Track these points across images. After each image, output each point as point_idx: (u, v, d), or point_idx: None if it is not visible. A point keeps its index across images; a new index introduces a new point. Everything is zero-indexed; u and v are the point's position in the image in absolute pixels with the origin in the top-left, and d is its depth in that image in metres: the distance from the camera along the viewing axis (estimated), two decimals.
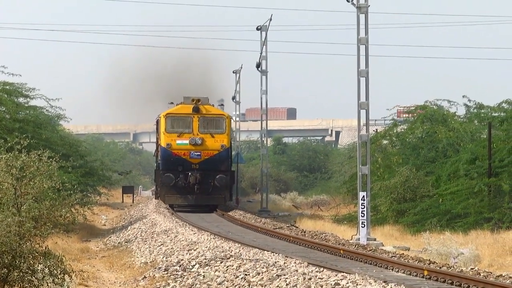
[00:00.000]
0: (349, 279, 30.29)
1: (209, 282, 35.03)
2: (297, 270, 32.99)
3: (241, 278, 34.10)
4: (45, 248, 26.50)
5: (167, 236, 52.65)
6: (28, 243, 24.94)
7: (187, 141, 51.87)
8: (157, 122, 60.26)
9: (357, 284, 29.22)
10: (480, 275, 37.01)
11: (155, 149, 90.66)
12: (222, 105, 66.01)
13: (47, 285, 25.49)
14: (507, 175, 63.80)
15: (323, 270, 32.64)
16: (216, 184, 51.90)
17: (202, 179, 51.87)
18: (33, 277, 24.64)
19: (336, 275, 31.40)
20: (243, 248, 40.12)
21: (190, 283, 36.15)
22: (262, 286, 32.17)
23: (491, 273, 39.02)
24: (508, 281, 35.50)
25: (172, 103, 59.95)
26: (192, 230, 51.95)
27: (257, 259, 36.71)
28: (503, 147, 65.97)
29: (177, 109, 56.09)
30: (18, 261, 24.25)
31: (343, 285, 29.30)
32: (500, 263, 46.15)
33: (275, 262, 35.32)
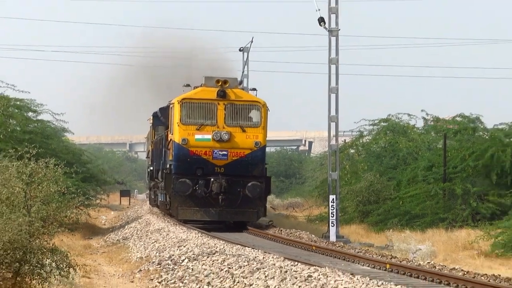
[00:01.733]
0: (320, 272, 30.34)
1: (197, 275, 35.06)
2: (274, 264, 32.98)
3: (225, 271, 34.15)
4: (52, 245, 26.62)
5: (160, 234, 52.41)
6: (37, 241, 25.02)
7: (209, 136, 40.23)
8: (168, 109, 48.44)
9: (327, 276, 29.25)
10: (435, 268, 37.33)
11: (149, 150, 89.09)
12: (255, 89, 51.55)
13: (54, 277, 25.54)
14: (459, 180, 64.65)
15: (297, 264, 32.67)
16: (248, 194, 40.82)
17: (229, 187, 40.74)
18: (42, 270, 24.68)
19: (309, 268, 31.46)
20: (226, 245, 40.11)
21: (180, 275, 36.20)
22: (244, 278, 32.22)
23: (445, 266, 39.07)
24: (460, 273, 35.66)
25: (188, 85, 47.66)
26: (181, 229, 51.31)
27: (239, 254, 36.75)
28: (456, 155, 66.81)
29: (197, 92, 43.99)
30: (29, 256, 24.27)
31: (315, 277, 29.34)
32: (453, 257, 46.29)
33: (255, 257, 35.29)
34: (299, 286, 28.62)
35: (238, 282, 31.80)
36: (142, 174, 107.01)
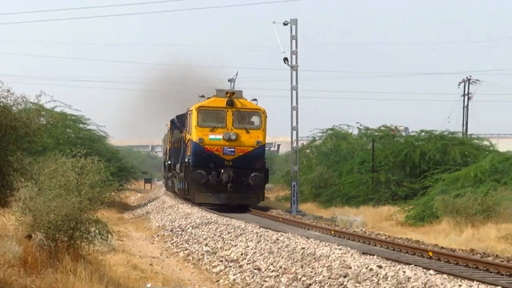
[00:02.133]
0: (285, 236, 30.77)
1: (198, 238, 35.40)
2: (253, 231, 33.26)
3: (218, 235, 34.40)
4: (96, 217, 26.73)
5: (172, 210, 52.79)
6: (85, 214, 25.07)
7: (220, 136, 40.57)
8: (188, 115, 47.89)
9: (290, 239, 29.66)
10: (366, 233, 37.97)
11: (166, 149, 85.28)
12: (256, 99, 51.80)
13: (97, 241, 25.65)
14: (383, 172, 66.20)
15: (268, 231, 32.90)
16: (250, 182, 41.16)
17: (236, 177, 41.04)
18: (88, 236, 24.76)
19: (277, 234, 31.81)
20: (219, 217, 40.29)
21: (186, 238, 36.56)
22: (231, 240, 32.46)
23: (373, 232, 39.51)
24: (383, 237, 36.55)
25: (203, 96, 48.09)
26: (187, 206, 51.58)
27: (228, 224, 36.99)
28: (381, 154, 68.16)
29: (210, 102, 44.29)
30: (79, 225, 24.34)
31: (281, 240, 29.70)
32: (378, 226, 46.91)
33: (239, 226, 35.51)
34: (270, 246, 28.75)
35: (227, 243, 32.00)
36: (160, 167, 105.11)
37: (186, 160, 44.78)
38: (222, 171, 39.55)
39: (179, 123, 60.14)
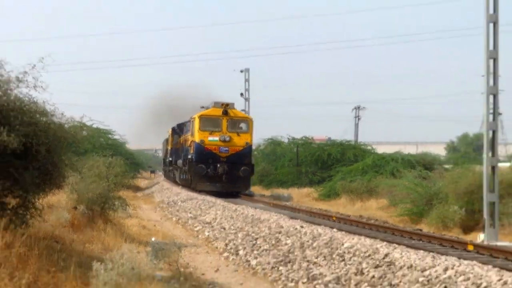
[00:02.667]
0: (241, 207, 30.59)
1: (184, 208, 35.38)
2: (220, 204, 33.12)
3: (198, 207, 34.37)
4: (118, 195, 26.80)
5: (168, 190, 52.69)
6: (111, 193, 25.03)
7: (217, 138, 39.53)
8: (191, 122, 45.28)
9: (244, 209, 29.57)
10: (293, 205, 38.19)
11: (166, 149, 77.67)
12: (244, 110, 52.44)
13: (119, 210, 25.68)
14: (304, 166, 66.32)
15: (230, 204, 32.82)
16: (240, 174, 40.31)
17: (229, 170, 40.01)
18: (113, 207, 24.75)
19: (236, 205, 31.69)
20: (199, 195, 40.12)
21: (177, 208, 36.56)
22: (205, 209, 32.51)
23: (297, 204, 39.93)
24: (304, 207, 37.05)
25: (203, 107, 46.04)
26: (178, 188, 51.48)
27: (204, 199, 36.92)
28: (302, 154, 68.45)
29: (209, 111, 42.63)
30: (108, 200, 24.31)
31: (238, 210, 29.60)
32: (301, 200, 46.89)
33: (211, 200, 35.49)
34: (231, 214, 28.82)
35: (203, 212, 32.01)
36: (160, 163, 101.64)
37: (189, 157, 42.89)
38: (219, 165, 38.59)
39: (178, 130, 58.10)
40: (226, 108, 40.04)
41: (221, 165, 38.84)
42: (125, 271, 10.97)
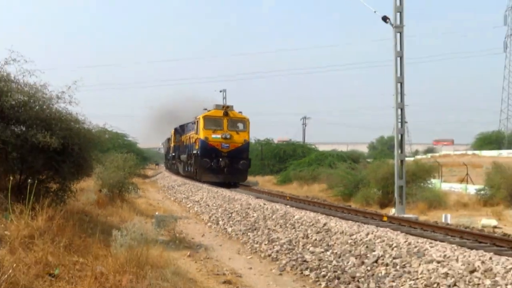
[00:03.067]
0: (221, 190, 30.35)
1: (180, 191, 35.07)
2: (207, 188, 32.79)
3: (189, 190, 34.02)
4: (132, 181, 26.51)
5: (168, 177, 52.03)
6: (126, 180, 24.80)
7: (219, 136, 35.78)
8: (196, 122, 40.72)
9: (223, 191, 29.31)
10: (260, 188, 36.77)
11: (168, 147, 71.12)
12: (241, 111, 43.98)
13: (132, 192, 25.46)
14: (266, 160, 65.44)
15: (213, 188, 32.48)
16: (239, 167, 36.48)
17: (230, 164, 36.15)
18: (128, 190, 24.53)
19: (217, 188, 31.37)
20: (190, 181, 39.68)
21: (174, 191, 36.19)
22: (195, 192, 32.23)
23: (261, 188, 39.15)
24: (266, 189, 35.99)
25: (205, 109, 40.97)
26: (175, 176, 50.97)
27: (194, 184, 36.55)
28: (265, 151, 67.29)
29: (212, 112, 38.59)
30: (124, 185, 24.11)
31: (219, 192, 29.36)
32: (265, 185, 46.07)
33: (199, 185, 35.09)
34: (213, 195, 28.59)
35: (193, 193, 31.75)
36: (162, 158, 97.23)
37: (195, 152, 38.96)
38: (221, 159, 35.21)
39: (180, 130, 52.74)
40: (226, 109, 37.47)
41: (223, 159, 35.68)
42: (136, 236, 10.97)
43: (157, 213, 20.42)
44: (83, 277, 8.21)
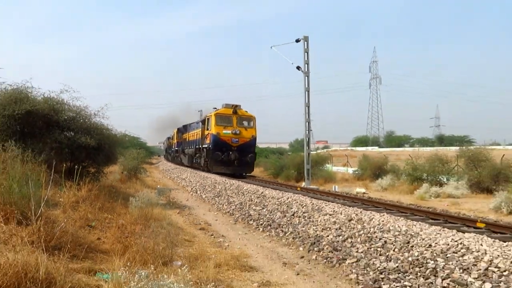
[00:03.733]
0: (199, 171, 29.80)
1: (173, 172, 34.34)
2: (189, 170, 32.21)
3: (179, 171, 33.29)
4: (142, 166, 25.94)
5: (166, 165, 50.73)
6: (139, 166, 24.29)
7: (230, 131, 28.25)
8: (207, 120, 31.16)
9: (200, 172, 28.84)
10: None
11: (169, 143, 59.37)
12: (247, 111, 32.71)
13: (143, 173, 24.91)
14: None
15: (194, 170, 31.88)
16: (248, 160, 28.28)
17: (239, 157, 28.30)
18: (140, 172, 23.97)
19: (196, 170, 30.79)
20: (179, 166, 38.90)
21: (170, 172, 35.30)
22: (183, 173, 31.60)
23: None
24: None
25: (215, 108, 32.65)
26: (172, 163, 49.94)
27: (182, 168, 35.83)
28: None
29: (222, 110, 29.76)
30: (138, 169, 23.66)
31: (198, 173, 28.82)
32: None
33: (185, 169, 34.46)
34: (194, 174, 28.16)
35: (181, 173, 31.15)
36: (162, 152, 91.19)
37: (206, 146, 30.71)
38: (231, 153, 27.65)
39: (183, 129, 42.54)
40: (235, 108, 29.58)
41: (233, 153, 28.10)
42: (144, 201, 10.84)
43: (158, 186, 20.18)
44: (110, 227, 8.14)
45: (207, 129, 28.78)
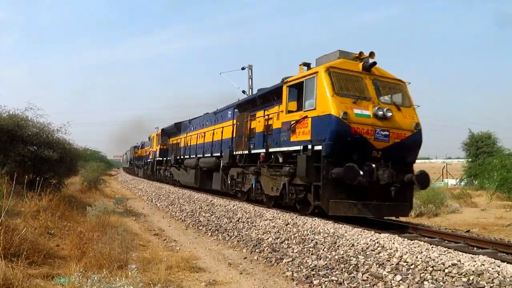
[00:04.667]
0: (155, 182, 28.86)
1: (130, 183, 32.98)
2: (145, 181, 31.02)
3: (136, 183, 31.92)
4: (102, 178, 24.81)
5: (124, 176, 48.75)
6: (99, 177, 23.33)
7: (368, 113, 5.19)
8: (312, 79, 6.67)
9: (156, 183, 27.99)
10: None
11: (136, 153, 44.76)
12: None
13: (102, 184, 23.82)
14: None
15: (150, 181, 30.86)
16: (415, 184, 5.46)
17: (396, 176, 5.58)
18: (100, 182, 22.98)
19: (152, 181, 29.68)
20: (136, 177, 37.51)
21: (128, 183, 33.92)
22: (139, 183, 30.21)
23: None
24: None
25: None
26: (129, 175, 47.81)
27: (139, 180, 34.56)
28: None
29: (340, 63, 5.92)
30: (97, 180, 22.66)
31: (153, 184, 27.85)
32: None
33: (141, 179, 33.06)
34: (150, 185, 27.20)
35: (138, 184, 29.85)
36: (120, 164, 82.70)
37: (321, 144, 7.18)
38: (374, 165, 6.69)
39: (175, 129, 23.45)
40: (367, 62, 7.57)
41: (380, 166, 7.10)
42: (102, 209, 10.45)
43: (116, 196, 19.44)
44: (69, 234, 7.77)
45: (308, 107, 8.21)
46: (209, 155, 16.53)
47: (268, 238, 9.02)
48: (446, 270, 5.21)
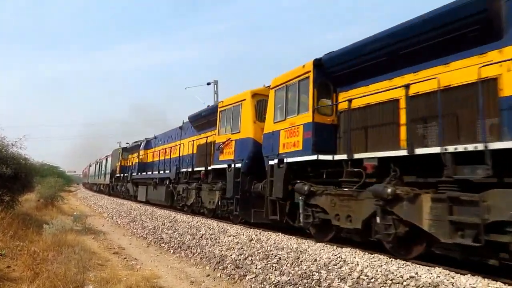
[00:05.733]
0: (116, 198, 28.08)
1: (90, 199, 31.68)
2: (106, 197, 30.17)
3: (96, 199, 30.92)
4: (60, 194, 23.61)
5: (83, 192, 46.95)
6: (56, 193, 22.23)
7: None
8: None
9: (116, 199, 27.13)
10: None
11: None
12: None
13: (60, 201, 22.56)
14: None
15: (111, 197, 29.90)
16: None
17: None
18: (57, 199, 21.85)
19: (112, 197, 28.98)
20: (95, 194, 36.18)
21: (87, 199, 32.57)
22: (100, 200, 29.38)
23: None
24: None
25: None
26: (88, 191, 45.98)
27: (99, 196, 33.50)
28: None
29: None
30: (55, 196, 21.54)
31: (114, 199, 27.06)
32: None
33: (103, 196, 32.11)
34: (110, 201, 26.35)
35: (99, 201, 28.90)
36: (79, 180, 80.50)
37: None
38: None
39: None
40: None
41: None
42: (59, 227, 9.96)
43: (75, 213, 18.62)
44: (22, 254, 7.30)
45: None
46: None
47: (231, 255, 8.92)
48: (405, 283, 5.32)
